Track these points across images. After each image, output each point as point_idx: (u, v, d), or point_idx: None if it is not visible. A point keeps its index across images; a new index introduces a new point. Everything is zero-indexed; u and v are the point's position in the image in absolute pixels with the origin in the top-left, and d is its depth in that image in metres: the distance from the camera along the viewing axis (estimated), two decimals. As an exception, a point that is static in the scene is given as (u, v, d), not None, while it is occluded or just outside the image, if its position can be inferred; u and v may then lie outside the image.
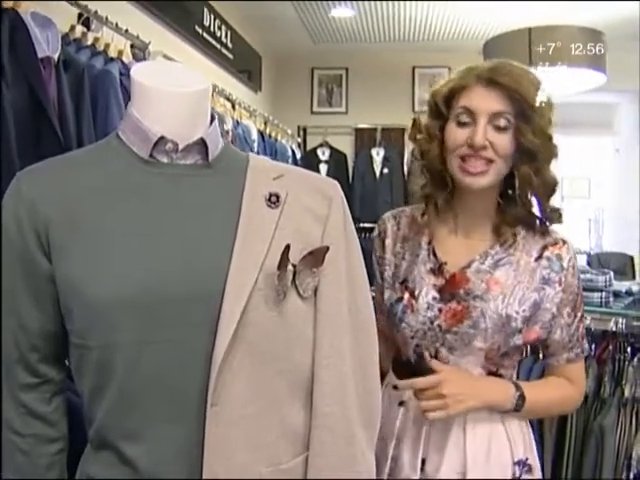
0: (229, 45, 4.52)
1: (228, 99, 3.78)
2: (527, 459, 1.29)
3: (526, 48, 3.83)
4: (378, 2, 4.69)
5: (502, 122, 1.20)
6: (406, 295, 1.31)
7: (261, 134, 4.05)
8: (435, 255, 1.32)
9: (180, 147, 0.96)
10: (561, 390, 1.33)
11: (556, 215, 1.29)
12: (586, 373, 1.48)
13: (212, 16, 4.15)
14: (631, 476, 1.52)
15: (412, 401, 1.30)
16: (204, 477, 0.88)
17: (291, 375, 0.97)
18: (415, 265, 1.32)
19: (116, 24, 2.44)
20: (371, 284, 1.14)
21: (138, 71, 0.98)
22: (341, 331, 1.00)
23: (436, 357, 1.28)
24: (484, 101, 1.20)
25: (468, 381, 1.24)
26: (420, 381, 1.23)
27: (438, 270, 1.30)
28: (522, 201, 1.26)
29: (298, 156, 5.11)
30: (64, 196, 0.93)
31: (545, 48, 3.80)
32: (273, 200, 0.99)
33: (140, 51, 2.69)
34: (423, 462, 1.27)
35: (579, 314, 1.31)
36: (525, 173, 1.22)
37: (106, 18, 2.38)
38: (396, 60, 5.93)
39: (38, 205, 0.91)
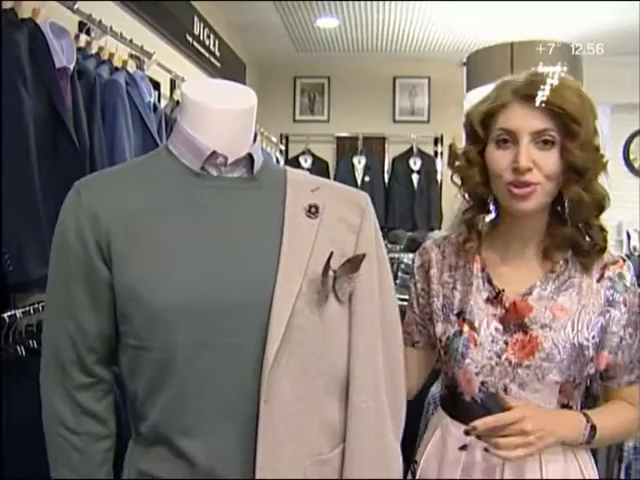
0: (216, 53, 4.57)
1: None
2: None
3: (508, 62, 3.97)
4: (362, 12, 4.78)
5: (546, 140, 1.12)
6: (465, 328, 1.21)
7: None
8: (491, 283, 1.23)
9: (229, 161, 1.03)
10: (626, 414, 1.24)
11: (601, 237, 1.18)
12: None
13: (201, 25, 4.20)
14: (623, 467, 1.61)
15: (479, 446, 1.15)
16: (257, 468, 0.95)
17: (329, 374, 1.04)
18: (470, 295, 1.23)
19: (120, 34, 2.49)
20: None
21: (190, 88, 1.04)
22: (374, 332, 1.08)
23: (505, 394, 1.17)
24: (524, 120, 1.12)
25: (544, 416, 1.13)
26: (504, 417, 1.09)
27: (495, 299, 1.21)
28: (573, 221, 1.16)
29: (281, 164, 5.17)
30: (123, 208, 0.99)
31: (526, 62, 3.93)
32: (313, 211, 1.06)
33: (138, 60, 2.75)
34: None
35: (638, 332, 1.21)
36: (575, 193, 1.13)
37: (110, 28, 2.43)
38: (377, 70, 6.05)
39: (100, 216, 0.97)
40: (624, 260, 1.21)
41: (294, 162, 5.84)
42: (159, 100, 3.08)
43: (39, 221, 1.64)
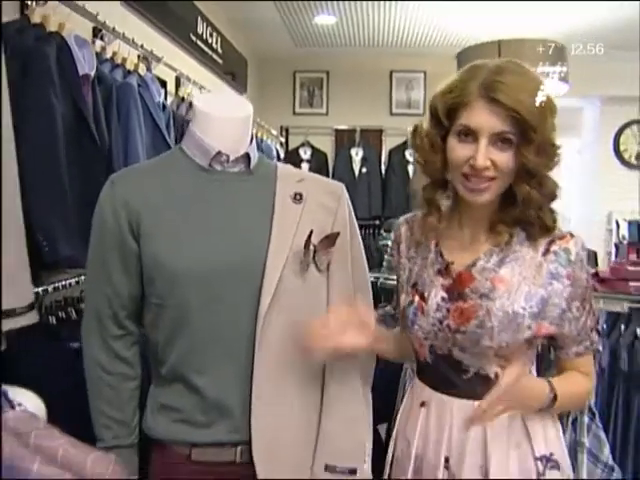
0: (219, 50, 4.83)
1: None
2: (552, 454, 1.28)
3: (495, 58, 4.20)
4: (359, 9, 5.03)
5: (504, 141, 1.18)
6: (416, 298, 1.32)
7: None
8: (442, 256, 1.32)
9: (231, 159, 1.31)
10: (581, 384, 1.33)
11: (550, 218, 1.25)
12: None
13: (205, 24, 4.46)
14: (570, 420, 1.88)
15: (433, 402, 1.32)
16: (253, 398, 1.24)
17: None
18: (425, 268, 1.33)
19: (133, 39, 2.75)
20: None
21: (200, 101, 1.32)
22: (347, 293, 1.36)
23: (450, 357, 1.28)
24: (485, 120, 1.16)
25: (520, 390, 1.17)
26: (505, 383, 1.13)
27: (445, 270, 1.30)
28: (524, 204, 1.22)
29: (282, 155, 5.43)
30: (148, 196, 1.27)
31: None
32: (297, 198, 1.34)
33: (146, 60, 3.01)
34: (447, 460, 1.28)
35: (587, 307, 1.29)
36: (525, 191, 1.20)
37: (123, 34, 2.69)
38: (374, 64, 6.29)
39: (131, 203, 1.26)
40: (572, 236, 1.26)
41: (294, 153, 6.10)
42: (166, 97, 3.33)
43: (67, 207, 1.91)
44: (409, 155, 6.05)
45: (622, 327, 2.08)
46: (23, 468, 1.02)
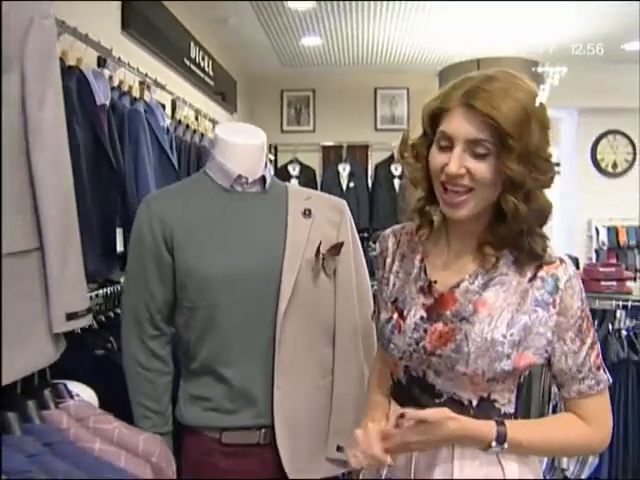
0: (210, 73, 5.05)
1: (212, 121, 4.30)
2: None
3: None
4: (343, 30, 5.28)
5: (480, 150, 1.12)
6: (395, 315, 1.26)
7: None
8: (426, 273, 1.27)
9: (249, 181, 1.52)
10: (569, 430, 1.20)
11: (541, 245, 1.18)
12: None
13: (197, 48, 4.68)
14: (550, 407, 2.09)
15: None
16: (274, 389, 1.45)
17: (321, 324, 1.54)
18: (407, 284, 1.28)
19: (137, 69, 2.96)
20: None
21: (221, 130, 1.54)
22: (351, 295, 1.58)
23: (424, 380, 1.22)
24: (461, 127, 1.12)
25: (437, 431, 1.12)
26: (428, 414, 1.12)
27: (427, 289, 1.25)
28: (512, 225, 1.16)
29: (271, 172, 5.64)
30: (180, 213, 1.48)
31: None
32: (307, 213, 1.55)
33: (147, 86, 3.22)
34: None
35: (588, 341, 1.19)
36: (510, 203, 1.13)
37: (128, 63, 2.90)
38: (359, 82, 6.54)
39: (165, 220, 1.46)
40: (562, 261, 1.19)
41: (283, 170, 6.32)
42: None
43: (91, 224, 2.11)
44: (394, 169, 6.30)
45: (596, 323, 2.30)
46: (87, 447, 1.21)
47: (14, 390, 1.20)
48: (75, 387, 1.35)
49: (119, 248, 2.33)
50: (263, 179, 1.55)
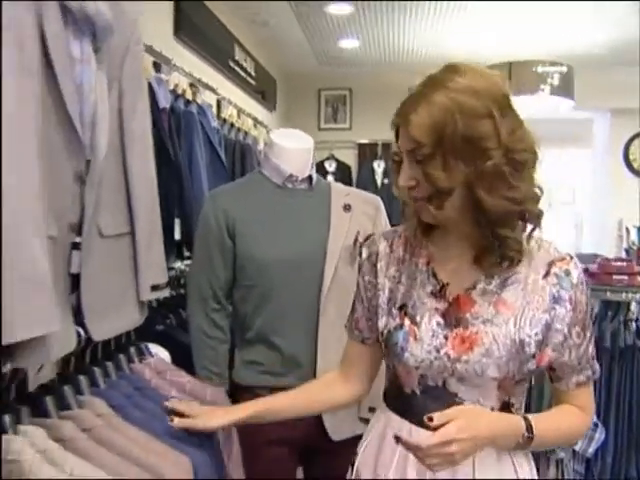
0: (252, 73, 5.35)
1: (254, 119, 4.59)
2: None
3: (507, 78, 4.67)
4: (380, 33, 5.52)
5: (417, 157, 1.12)
6: (407, 322, 1.22)
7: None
8: (435, 276, 1.23)
9: (299, 179, 1.80)
10: (571, 420, 1.24)
11: (515, 249, 1.16)
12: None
13: (240, 50, 4.98)
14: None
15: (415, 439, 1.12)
16: (318, 354, 1.73)
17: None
18: (414, 289, 1.24)
19: (191, 73, 3.26)
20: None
21: (275, 135, 1.82)
22: None
23: (444, 388, 1.19)
24: (402, 140, 1.15)
25: (476, 430, 1.08)
26: (425, 443, 1.04)
27: (440, 293, 1.21)
28: (489, 223, 1.14)
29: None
30: (240, 206, 1.77)
31: (523, 79, 4.66)
32: (347, 208, 1.83)
33: (196, 88, 3.52)
34: None
35: (588, 334, 1.22)
36: (475, 198, 1.12)
37: (183, 70, 3.20)
38: (394, 82, 6.66)
39: (228, 211, 1.75)
40: (571, 257, 1.21)
41: (320, 167, 6.59)
42: (210, 119, 3.83)
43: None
44: (428, 167, 6.49)
45: (609, 313, 2.54)
46: (164, 394, 1.50)
47: (109, 346, 1.50)
48: (153, 348, 1.65)
49: (176, 236, 2.63)
50: (310, 178, 1.84)
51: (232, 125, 4.02)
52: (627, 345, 2.35)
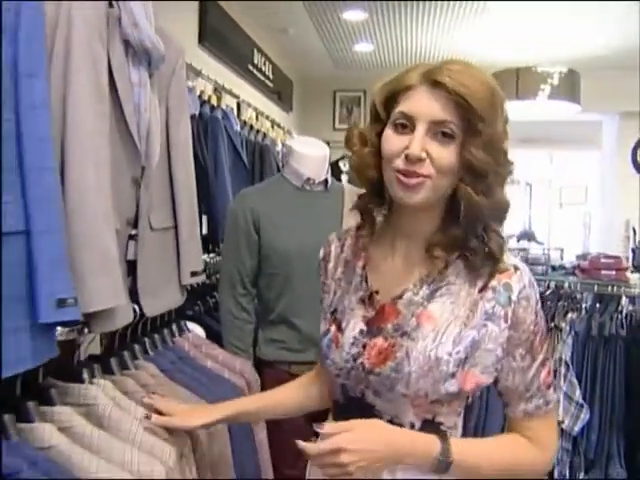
0: (270, 76, 5.65)
1: (272, 121, 4.88)
2: None
3: (514, 84, 4.93)
4: (394, 38, 5.80)
5: (444, 132, 1.03)
6: (333, 327, 1.19)
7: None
8: (367, 282, 1.17)
9: (316, 182, 2.09)
10: (514, 452, 1.13)
11: (497, 246, 1.08)
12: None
13: (259, 55, 5.28)
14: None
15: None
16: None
17: None
18: (347, 294, 1.20)
19: (216, 80, 3.55)
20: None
21: (294, 143, 2.11)
22: None
23: (362, 401, 1.14)
24: (425, 106, 1.02)
25: (372, 442, 1.04)
26: (310, 448, 1.03)
27: (369, 300, 1.16)
28: (467, 223, 1.07)
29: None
30: (265, 204, 2.07)
31: (530, 84, 4.91)
32: (358, 207, 2.11)
33: (219, 93, 3.81)
34: None
35: (539, 357, 1.11)
36: (468, 195, 1.04)
37: (208, 76, 3.50)
38: (407, 84, 7.03)
39: (254, 208, 2.05)
40: (516, 269, 1.09)
41: (334, 166, 6.85)
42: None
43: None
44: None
45: (597, 304, 2.81)
46: (198, 364, 1.80)
47: (155, 322, 1.79)
48: (190, 325, 1.94)
49: (203, 232, 2.93)
50: (326, 181, 2.13)
51: (251, 127, 4.29)
52: (611, 334, 2.61)
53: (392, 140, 1.06)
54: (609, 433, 2.60)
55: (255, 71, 5.21)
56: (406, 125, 1.05)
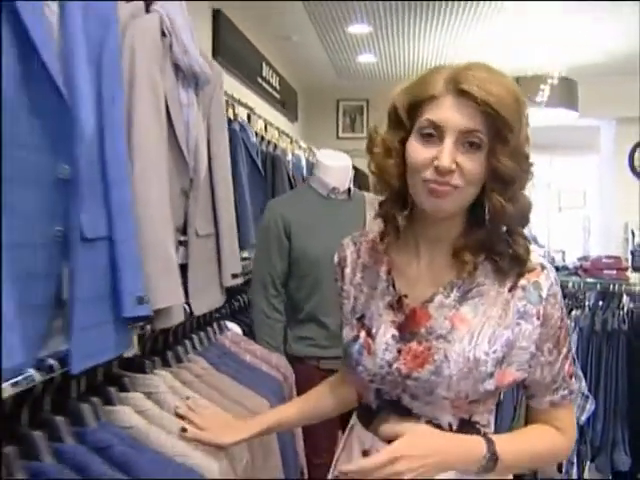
0: (277, 87, 5.85)
1: (280, 131, 5.06)
2: None
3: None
4: (397, 49, 6.01)
5: (473, 141, 1.04)
6: (362, 334, 1.18)
7: (307, 159, 5.35)
8: (394, 287, 1.18)
9: (340, 191, 2.28)
10: (547, 442, 1.17)
11: (523, 247, 1.12)
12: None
13: (267, 67, 5.48)
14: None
15: (376, 451, 1.12)
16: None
17: None
18: (373, 299, 1.20)
19: (233, 97, 3.74)
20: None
21: (321, 156, 2.30)
22: None
23: (398, 404, 1.15)
24: (454, 115, 1.03)
25: (427, 448, 1.06)
26: (369, 464, 1.03)
27: (397, 304, 1.16)
28: (492, 227, 1.10)
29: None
30: (294, 212, 2.25)
31: (530, 94, 5.12)
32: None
33: (233, 106, 3.99)
34: None
35: (564, 350, 1.15)
36: (497, 202, 1.06)
37: (225, 91, 3.68)
38: (409, 93, 7.24)
39: (284, 215, 2.24)
40: (543, 268, 1.13)
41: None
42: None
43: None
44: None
45: (600, 302, 3.00)
46: (239, 358, 1.97)
47: (199, 320, 1.97)
48: (229, 324, 2.12)
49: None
50: (349, 190, 2.32)
51: (262, 138, 4.47)
52: (613, 329, 2.80)
53: (420, 151, 1.06)
54: (613, 422, 2.78)
55: (264, 83, 5.41)
56: (432, 134, 1.05)
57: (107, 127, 1.30)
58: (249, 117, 4.71)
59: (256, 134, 4.42)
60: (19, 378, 1.06)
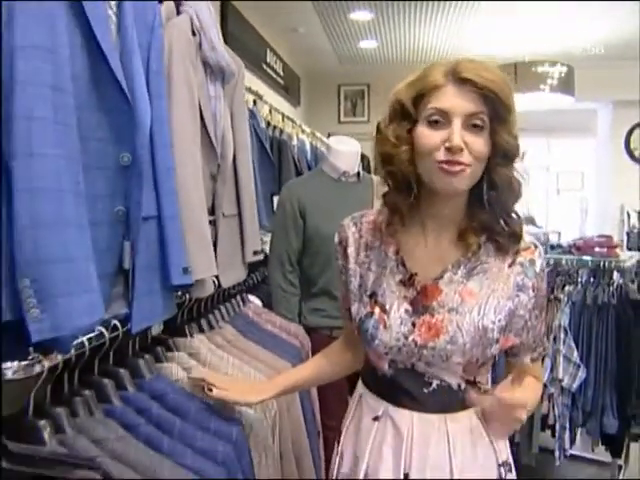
0: (281, 73, 6.03)
1: (283, 115, 5.25)
2: (507, 458, 1.35)
3: (512, 78, 5.32)
4: (398, 34, 6.18)
5: (477, 123, 1.16)
6: (377, 310, 1.28)
7: (310, 143, 5.55)
8: (404, 266, 1.29)
9: (350, 174, 2.50)
10: (537, 388, 1.40)
11: (518, 225, 1.26)
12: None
13: (271, 54, 5.66)
14: (552, 337, 3.01)
15: (389, 416, 1.30)
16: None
17: None
18: (384, 277, 1.30)
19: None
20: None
21: (332, 141, 2.51)
22: None
23: (412, 370, 1.27)
24: (457, 101, 1.15)
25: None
26: (506, 396, 1.18)
27: (409, 281, 1.28)
28: (495, 206, 1.23)
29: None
30: (308, 193, 2.48)
31: (527, 78, 5.30)
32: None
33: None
34: (406, 477, 1.26)
35: (543, 314, 1.33)
36: (505, 176, 1.20)
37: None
38: (409, 77, 7.42)
39: (300, 197, 2.46)
40: (536, 246, 1.29)
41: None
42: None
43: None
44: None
45: (592, 278, 3.23)
46: (262, 327, 2.20)
47: (224, 294, 2.19)
48: (250, 297, 2.34)
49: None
50: (359, 173, 2.54)
51: (269, 123, 4.66)
52: (604, 303, 3.03)
53: (430, 135, 1.17)
54: (603, 389, 3.02)
55: (268, 69, 5.59)
56: (439, 121, 1.17)
57: (156, 121, 1.51)
58: (254, 102, 4.93)
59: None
60: (91, 335, 1.27)
